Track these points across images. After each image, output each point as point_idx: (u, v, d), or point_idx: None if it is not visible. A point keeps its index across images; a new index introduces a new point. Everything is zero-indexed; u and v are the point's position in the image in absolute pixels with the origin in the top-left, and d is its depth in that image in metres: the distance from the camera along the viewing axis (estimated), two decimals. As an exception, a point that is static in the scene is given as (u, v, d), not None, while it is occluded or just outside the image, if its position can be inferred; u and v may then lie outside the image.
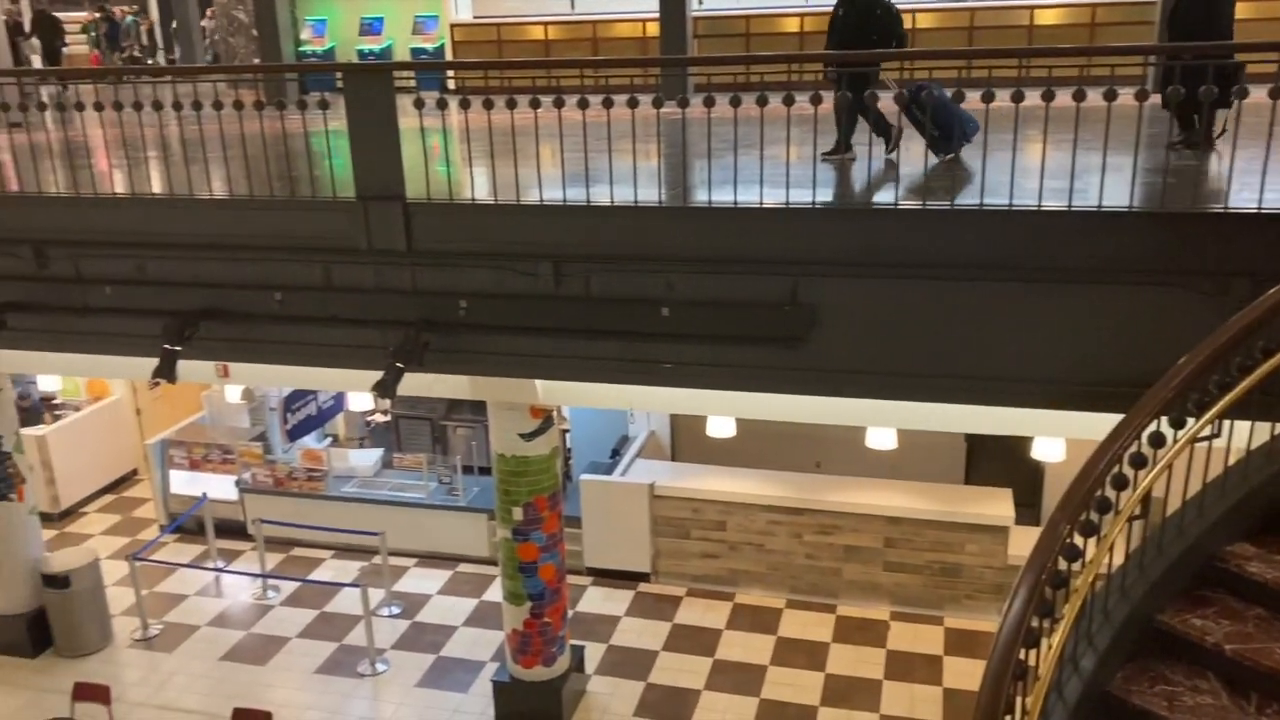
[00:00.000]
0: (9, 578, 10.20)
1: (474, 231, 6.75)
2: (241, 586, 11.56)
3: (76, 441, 13.40)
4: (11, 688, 9.88)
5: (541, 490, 8.52)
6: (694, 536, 10.91)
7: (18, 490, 10.07)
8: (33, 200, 7.64)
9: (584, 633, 10.26)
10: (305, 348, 7.34)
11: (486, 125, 6.61)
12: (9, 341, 7.87)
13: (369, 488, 12.11)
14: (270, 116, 7.17)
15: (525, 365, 7.08)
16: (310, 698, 9.58)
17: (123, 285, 7.49)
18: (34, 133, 8.73)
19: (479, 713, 9.25)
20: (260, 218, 7.13)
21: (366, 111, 6.66)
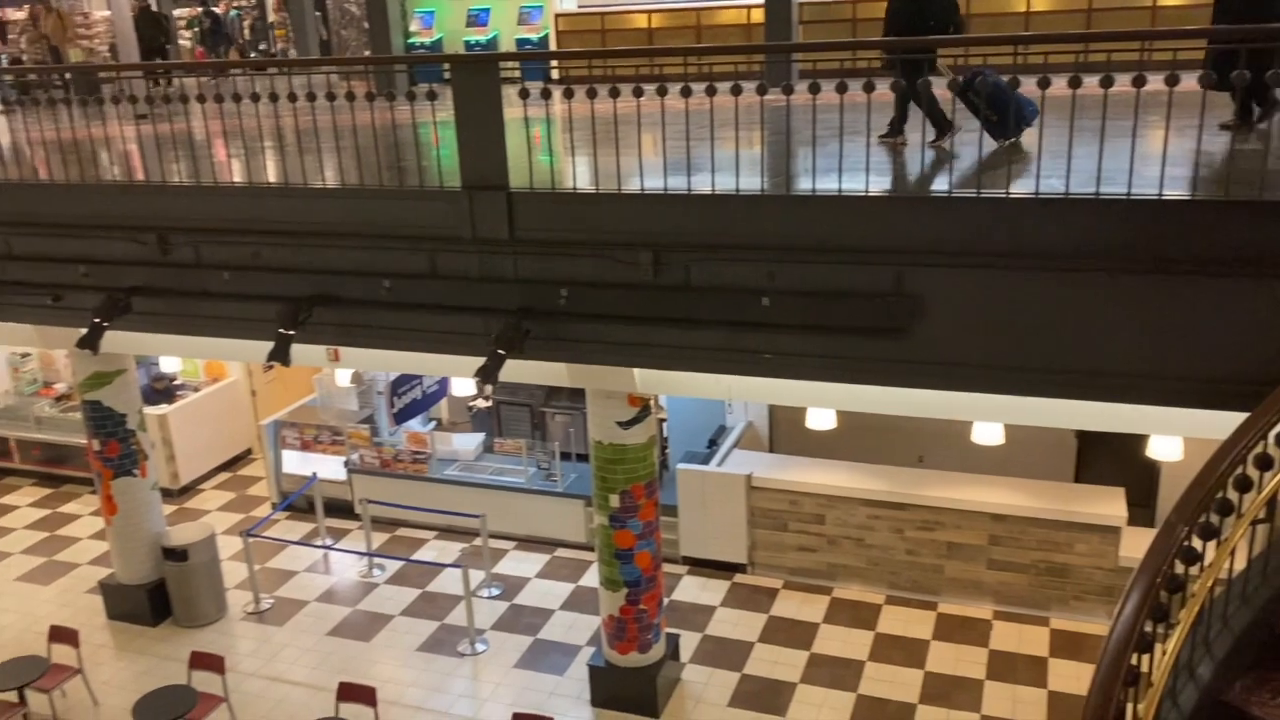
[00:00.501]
0: (132, 550, 10.71)
1: (575, 220, 6.80)
2: (348, 564, 11.92)
3: (195, 421, 13.99)
4: (134, 654, 10.39)
5: (638, 478, 8.55)
6: (791, 529, 10.81)
7: (141, 466, 10.56)
8: (157, 189, 7.99)
9: (679, 621, 10.29)
10: (411, 333, 7.51)
11: (589, 114, 6.64)
12: (134, 324, 8.26)
13: (470, 471, 12.35)
14: (380, 107, 7.33)
15: (624, 354, 7.12)
16: (412, 675, 9.83)
17: (240, 271, 7.78)
18: (159, 124, 9.11)
19: (575, 695, 9.36)
20: (370, 207, 7.32)
21: (473, 102, 6.76)
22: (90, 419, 10.31)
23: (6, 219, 8.38)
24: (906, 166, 5.91)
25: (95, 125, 8.85)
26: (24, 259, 8.42)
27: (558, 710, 8.95)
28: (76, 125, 8.29)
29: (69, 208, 8.17)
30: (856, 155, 6.04)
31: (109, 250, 8.08)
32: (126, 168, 8.75)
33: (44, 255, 8.35)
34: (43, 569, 12.15)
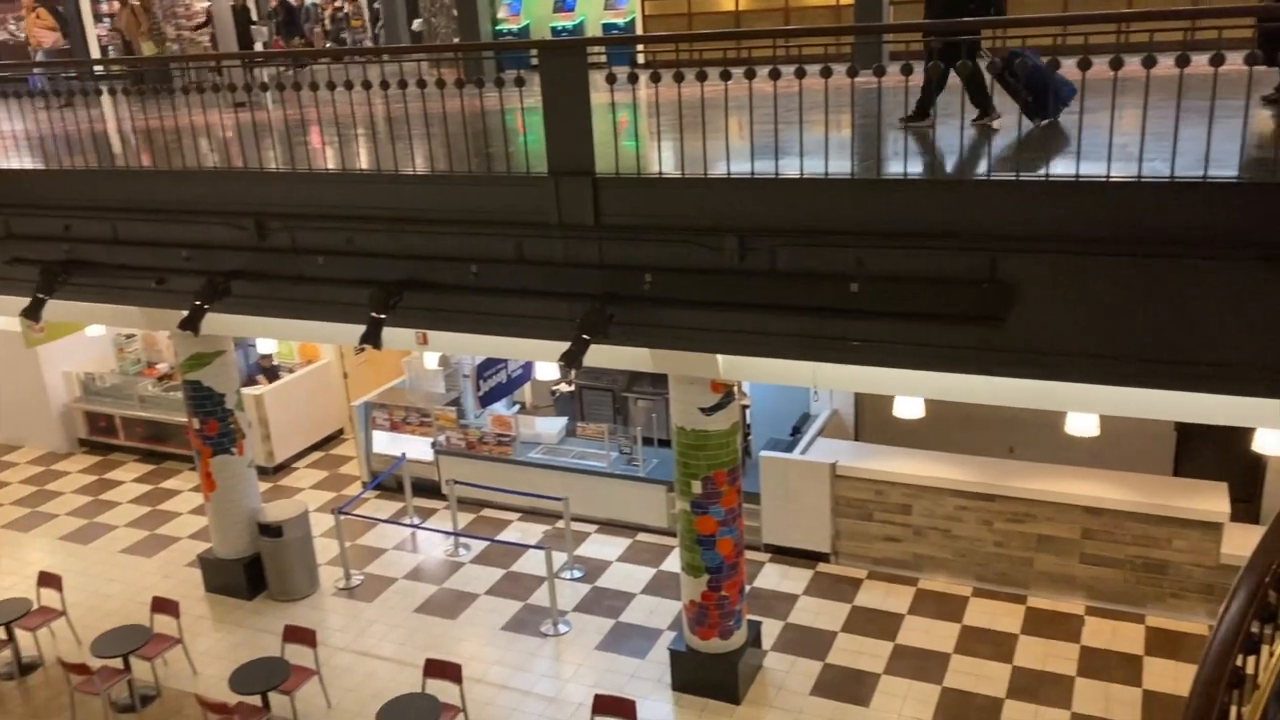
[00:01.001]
0: (230, 525, 11.09)
1: (660, 205, 6.78)
2: (435, 543, 12.15)
3: (289, 401, 14.39)
4: (231, 626, 10.76)
5: (721, 465, 8.53)
6: (877, 519, 10.67)
7: (238, 445, 10.91)
8: (255, 176, 8.21)
9: (761, 609, 10.25)
10: (498, 318, 7.60)
11: (676, 99, 6.61)
12: (233, 306, 8.52)
13: (553, 454, 12.47)
14: (469, 94, 7.41)
15: (708, 340, 7.09)
16: (496, 653, 9.99)
17: (334, 256, 7.95)
18: (256, 112, 9.35)
19: (656, 679, 9.40)
20: (459, 192, 7.41)
21: (560, 87, 6.79)
22: (191, 398, 10.69)
23: (114, 204, 8.69)
24: (998, 149, 5.74)
25: (196, 113, 9.10)
26: (130, 243, 8.73)
27: (639, 693, 9.00)
28: (178, 113, 8.55)
29: (172, 194, 8.45)
30: (949, 139, 5.90)
31: (210, 235, 8.34)
32: (226, 155, 9.01)
33: (149, 240, 8.65)
34: (146, 542, 12.66)
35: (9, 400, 15.45)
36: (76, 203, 8.86)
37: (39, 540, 12.85)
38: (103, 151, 9.17)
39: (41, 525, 13.22)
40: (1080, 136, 6.02)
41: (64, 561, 12.07)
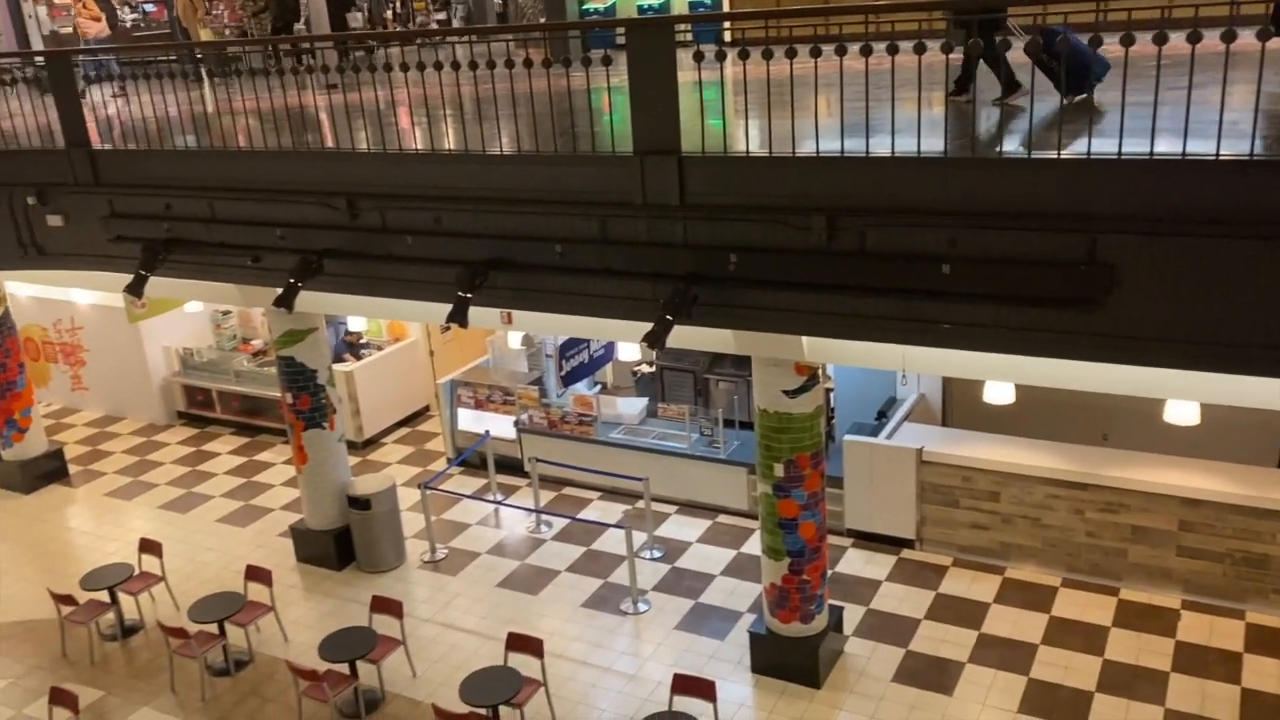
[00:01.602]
0: (321, 498, 11.38)
1: (747, 185, 6.71)
2: (517, 520, 12.31)
3: (378, 378, 14.69)
4: (320, 595, 11.06)
5: (804, 448, 8.44)
6: (963, 506, 10.46)
7: (329, 419, 11.18)
8: (347, 156, 8.36)
9: (843, 594, 10.15)
10: (581, 298, 7.62)
11: (764, 76, 6.52)
12: (325, 285, 8.70)
13: (634, 435, 12.50)
14: (555, 74, 7.40)
15: (793, 321, 7.00)
16: (576, 629, 10.09)
17: (422, 235, 8.06)
18: (348, 94, 9.51)
19: (735, 661, 9.39)
20: (544, 173, 7.43)
21: (647, 66, 6.75)
22: (284, 374, 10.97)
23: (213, 184, 8.95)
24: (1097, 126, 5.54)
25: (291, 94, 9.30)
26: (228, 222, 8.97)
27: (718, 674, 9.00)
28: (273, 95, 8.73)
29: (267, 173, 8.65)
30: (1046, 116, 5.71)
31: (303, 214, 8.52)
32: (319, 136, 9.18)
33: (245, 219, 8.88)
34: (240, 512, 13.07)
35: (112, 374, 16.09)
36: (177, 182, 9.14)
37: (140, 508, 13.38)
38: (201, 132, 9.43)
39: (142, 494, 13.76)
40: (1187, 114, 5.78)
41: (163, 529, 12.54)
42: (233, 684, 9.73)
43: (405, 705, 9.23)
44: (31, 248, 10.10)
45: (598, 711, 8.96)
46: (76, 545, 12.59)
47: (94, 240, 9.71)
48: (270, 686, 9.63)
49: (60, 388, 16.78)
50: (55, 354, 16.59)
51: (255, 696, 9.53)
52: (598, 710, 8.97)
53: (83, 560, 11.96)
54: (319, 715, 9.11)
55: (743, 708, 8.85)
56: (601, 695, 9.15)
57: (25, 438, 13.92)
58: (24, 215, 9.95)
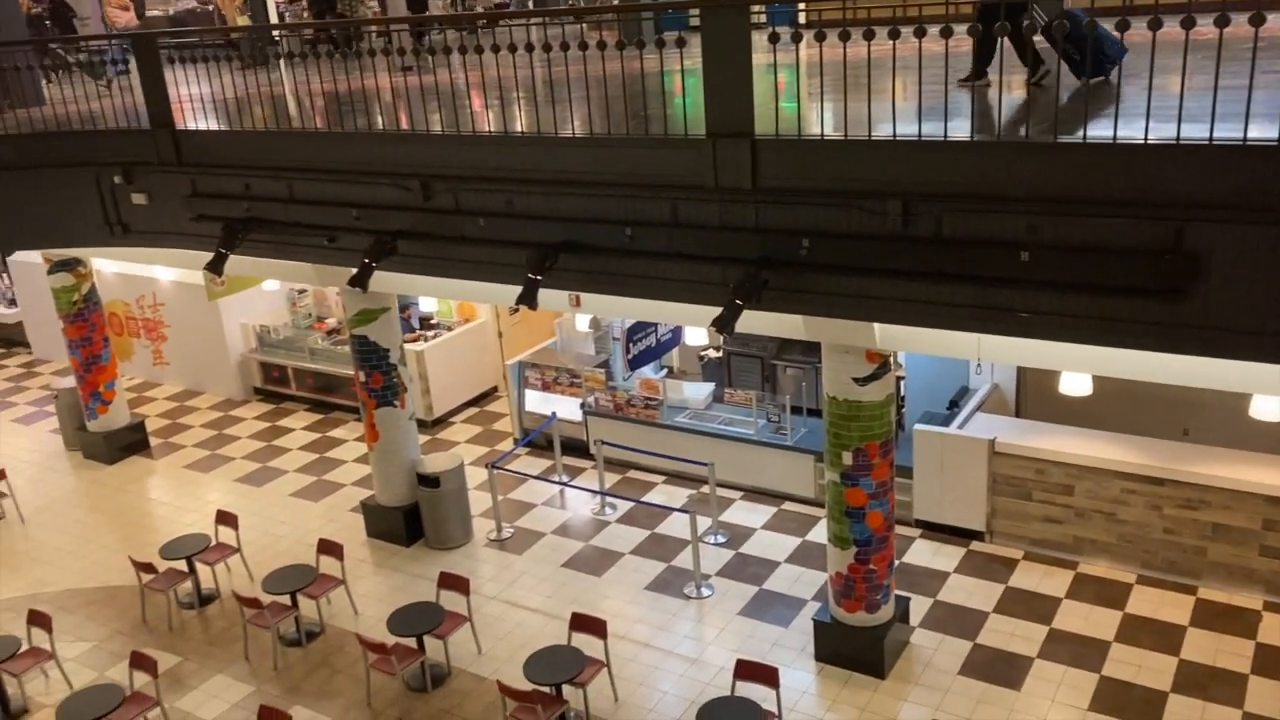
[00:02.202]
0: (392, 475, 11.58)
1: (821, 168, 6.62)
2: (582, 501, 12.38)
3: (448, 358, 14.87)
4: (389, 570, 11.27)
5: (873, 436, 8.34)
6: (1036, 499, 10.25)
7: (400, 398, 11.35)
8: (421, 138, 8.43)
9: (910, 584, 10.03)
10: (650, 281, 7.61)
11: (841, 58, 6.41)
12: (398, 265, 8.81)
13: (700, 420, 12.48)
14: (627, 56, 7.40)
15: (865, 308, 6.91)
16: (639, 612, 10.12)
17: (493, 217, 8.12)
18: (423, 75, 9.59)
19: (798, 649, 9.35)
20: (615, 155, 7.42)
21: (721, 47, 6.68)
22: (357, 352, 11.16)
23: (291, 165, 9.10)
24: (1189, 112, 5.34)
25: (367, 77, 9.41)
26: (305, 202, 9.13)
27: (781, 661, 8.97)
28: (350, 77, 8.85)
29: (344, 155, 8.78)
30: (1135, 100, 5.53)
31: (378, 195, 8.63)
32: (394, 118, 9.28)
33: (321, 199, 9.02)
34: (313, 487, 13.36)
35: (192, 349, 16.53)
36: (256, 163, 9.32)
37: (217, 481, 13.75)
38: (280, 114, 9.60)
39: (219, 467, 14.14)
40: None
41: (239, 502, 12.87)
42: (304, 654, 9.97)
43: (470, 680, 9.37)
44: (117, 225, 10.39)
45: (659, 694, 8.99)
46: (156, 515, 13.00)
47: (176, 219, 9.96)
48: (340, 658, 9.85)
49: (142, 362, 17.30)
50: (138, 329, 17.10)
51: (325, 667, 9.75)
52: (659, 692, 9.01)
53: (162, 530, 12.34)
54: (387, 688, 9.30)
55: (805, 695, 8.81)
56: (663, 678, 9.18)
57: (109, 410, 14.39)
58: (110, 194, 10.24)
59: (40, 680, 9.83)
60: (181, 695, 9.50)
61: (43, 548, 12.34)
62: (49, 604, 10.76)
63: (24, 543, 12.50)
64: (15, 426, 16.13)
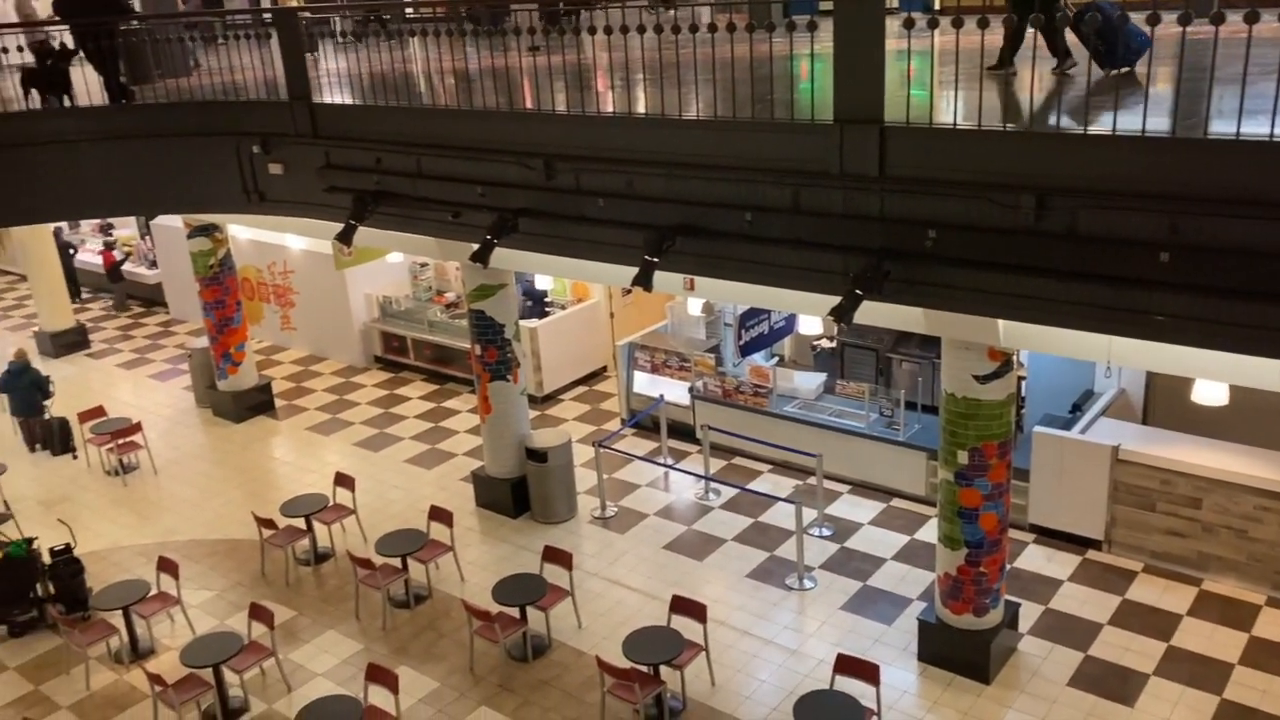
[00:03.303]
0: (502, 447, 11.80)
1: (951, 159, 6.44)
2: (686, 485, 12.40)
3: (560, 336, 15.06)
4: (496, 541, 11.50)
5: (991, 436, 8.12)
6: (1160, 510, 9.83)
7: (513, 373, 11.55)
8: (546, 118, 8.53)
9: (1020, 590, 9.75)
10: (768, 268, 7.53)
11: (978, 45, 6.22)
12: (518, 243, 8.94)
13: (809, 410, 12.34)
14: (745, 39, 7.29)
15: (990, 303, 6.70)
16: (739, 599, 10.10)
17: (613, 198, 8.15)
18: (551, 55, 9.69)
19: (901, 648, 9.20)
20: (738, 139, 7.36)
21: (854, 32, 6.56)
22: (474, 326, 11.40)
23: (421, 140, 9.31)
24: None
25: (496, 56, 9.57)
26: (432, 177, 9.33)
27: (882, 659, 8.83)
28: (481, 56, 8.99)
29: (471, 133, 8.93)
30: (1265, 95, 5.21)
31: (503, 173, 8.76)
32: (521, 97, 9.40)
33: (448, 175, 9.21)
34: (426, 455, 13.72)
35: (318, 317, 17.13)
36: (388, 138, 9.57)
37: (336, 444, 14.24)
38: (412, 91, 9.82)
39: (339, 431, 14.64)
40: None
41: (356, 465, 13.31)
42: (411, 616, 10.27)
43: (570, 654, 9.51)
44: (254, 193, 10.81)
45: (757, 682, 8.97)
46: (278, 474, 13.55)
47: (310, 189, 10.30)
48: (445, 622, 10.11)
49: (271, 326, 18.02)
50: (268, 294, 17.80)
51: (431, 630, 10.03)
52: (757, 681, 8.98)
53: (283, 488, 12.86)
54: (489, 654, 9.51)
55: (906, 695, 8.66)
56: (761, 666, 9.15)
57: (239, 371, 15.04)
58: (249, 163, 10.65)
59: (166, 623, 10.37)
60: (295, 648, 9.90)
61: (172, 498, 13.01)
62: (176, 552, 11.34)
63: (155, 493, 13.20)
64: (151, 382, 17.01)
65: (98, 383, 17.06)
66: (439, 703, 9.03)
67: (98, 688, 9.58)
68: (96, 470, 13.87)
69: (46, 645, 10.22)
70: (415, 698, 9.05)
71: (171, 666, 9.30)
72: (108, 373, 17.56)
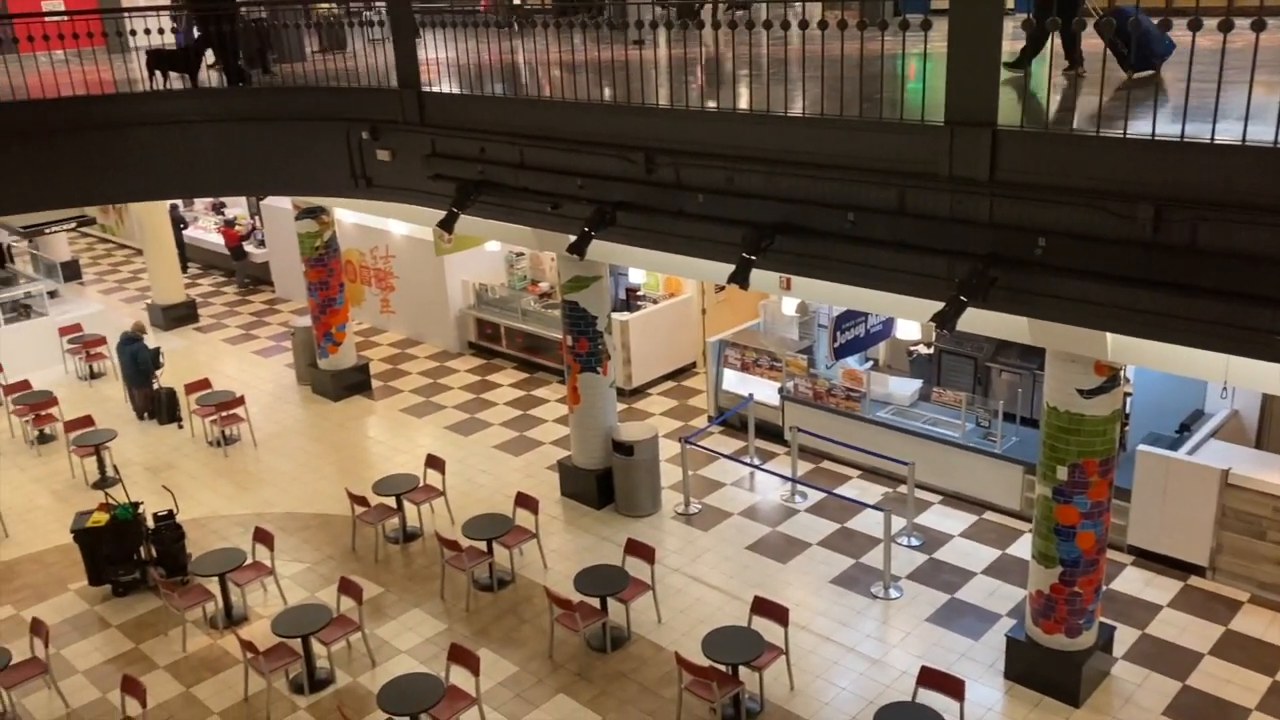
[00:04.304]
0: (588, 438, 11.87)
1: (1067, 165, 6.22)
2: (772, 486, 12.30)
3: (651, 330, 15.07)
4: (579, 530, 11.58)
5: (1093, 453, 7.85)
6: (1270, 539, 9.39)
7: (603, 365, 11.60)
8: (649, 111, 8.51)
9: (1116, 613, 9.42)
10: (868, 270, 7.39)
11: (1099, 50, 6.01)
12: (616, 236, 8.95)
13: (903, 417, 12.12)
14: (852, 38, 7.17)
15: (1100, 316, 6.45)
16: (822, 604, 9.98)
17: (713, 194, 8.10)
18: (649, 50, 9.67)
19: (988, 664, 8.97)
20: (843, 138, 7.23)
21: (970, 32, 6.38)
22: (567, 317, 11.48)
23: (525, 131, 9.39)
24: None
25: (600, 49, 9.59)
26: (534, 169, 9.41)
27: (968, 674, 8.64)
28: (581, 48, 9.02)
29: (574, 125, 8.97)
30: None
31: (603, 166, 8.78)
32: (625, 90, 9.41)
33: (549, 166, 9.27)
34: (514, 442, 13.88)
35: (416, 301, 17.48)
36: (493, 127, 9.68)
37: (428, 426, 14.51)
38: (518, 81, 9.91)
39: (432, 414, 14.91)
40: None
41: (446, 448, 13.54)
42: (494, 600, 10.41)
43: (649, 648, 9.52)
44: (361, 179, 11.05)
45: (837, 689, 8.85)
46: (372, 453, 13.86)
47: (415, 176, 10.49)
48: (527, 608, 10.22)
49: (371, 309, 18.45)
50: (370, 278, 18.23)
51: (513, 615, 10.15)
52: (836, 688, 8.86)
53: (376, 467, 13.16)
54: (568, 643, 9.58)
55: (990, 712, 8.45)
56: (842, 674, 9.03)
57: (339, 351, 15.43)
58: (358, 148, 10.89)
59: (259, 592, 10.70)
60: (381, 624, 10.12)
61: (270, 471, 13.42)
62: (272, 524, 11.69)
63: (255, 465, 13.63)
64: (255, 358, 17.57)
65: (204, 356, 17.70)
66: (517, 686, 9.13)
67: (193, 650, 9.94)
68: (200, 440, 14.39)
69: (147, 606, 10.64)
70: (494, 680, 9.17)
71: (263, 634, 9.59)
72: (214, 347, 18.21)
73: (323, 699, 9.16)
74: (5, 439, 14.77)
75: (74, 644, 10.10)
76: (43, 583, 11.18)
